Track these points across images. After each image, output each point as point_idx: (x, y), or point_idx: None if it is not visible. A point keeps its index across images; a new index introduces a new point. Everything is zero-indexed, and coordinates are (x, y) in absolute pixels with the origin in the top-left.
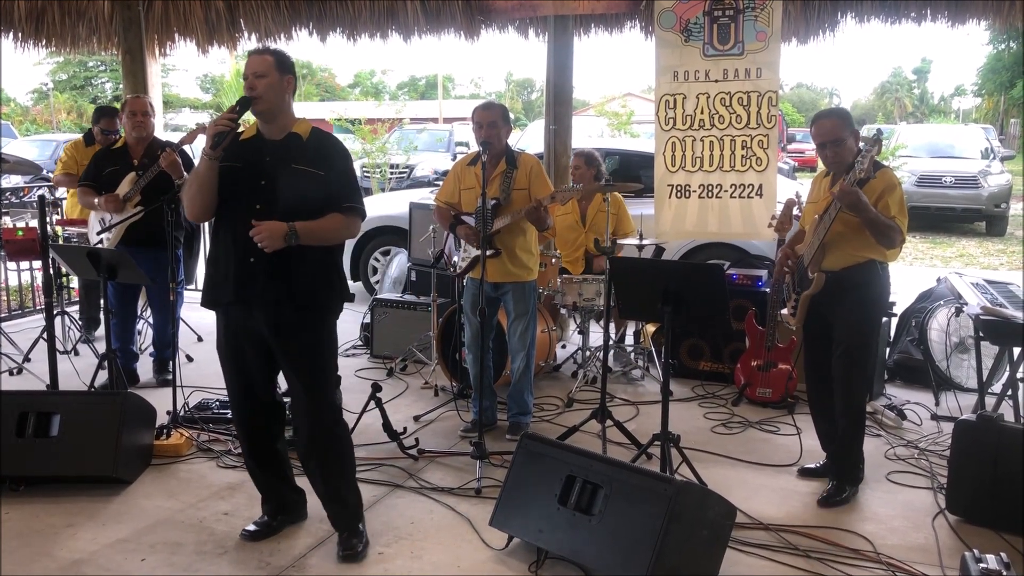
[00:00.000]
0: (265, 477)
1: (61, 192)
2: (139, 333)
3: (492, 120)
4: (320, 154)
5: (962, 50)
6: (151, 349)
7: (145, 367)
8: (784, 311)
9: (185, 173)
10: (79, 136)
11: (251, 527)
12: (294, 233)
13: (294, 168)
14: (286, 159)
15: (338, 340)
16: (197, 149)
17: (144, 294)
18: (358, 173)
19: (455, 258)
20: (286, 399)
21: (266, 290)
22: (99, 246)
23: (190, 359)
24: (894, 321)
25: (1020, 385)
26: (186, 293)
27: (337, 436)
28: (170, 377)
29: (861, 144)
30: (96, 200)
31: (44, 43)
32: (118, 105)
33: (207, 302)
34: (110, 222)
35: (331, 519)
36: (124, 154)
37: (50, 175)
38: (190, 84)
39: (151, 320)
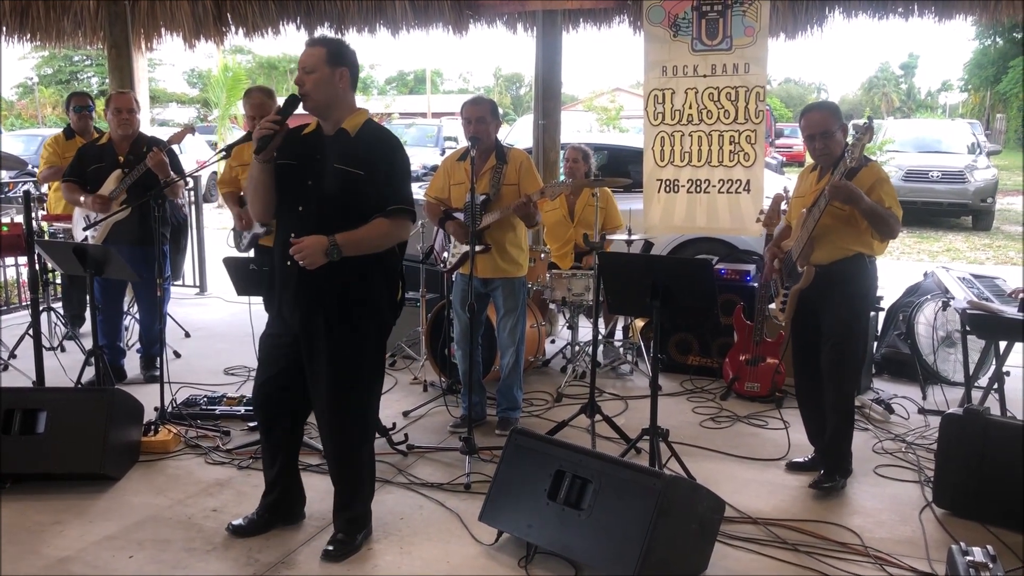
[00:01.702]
0: (272, 461)
1: (44, 187)
2: (126, 329)
3: (480, 115)
4: (364, 152)
5: (948, 45)
6: (138, 346)
7: (132, 364)
8: (772, 306)
9: (172, 173)
10: (59, 131)
11: (237, 521)
12: (335, 248)
13: (336, 168)
14: (331, 158)
15: (383, 358)
16: (187, 147)
17: (131, 291)
18: None
19: (445, 254)
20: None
21: (299, 297)
22: (85, 242)
23: (178, 355)
24: (882, 315)
25: (1006, 379)
26: (173, 289)
27: (354, 458)
28: (157, 373)
29: (851, 133)
30: (82, 198)
31: (29, 37)
32: (103, 100)
33: (264, 301)
34: (95, 219)
35: (334, 519)
36: (109, 151)
37: (35, 170)
38: (177, 79)
39: (137, 316)
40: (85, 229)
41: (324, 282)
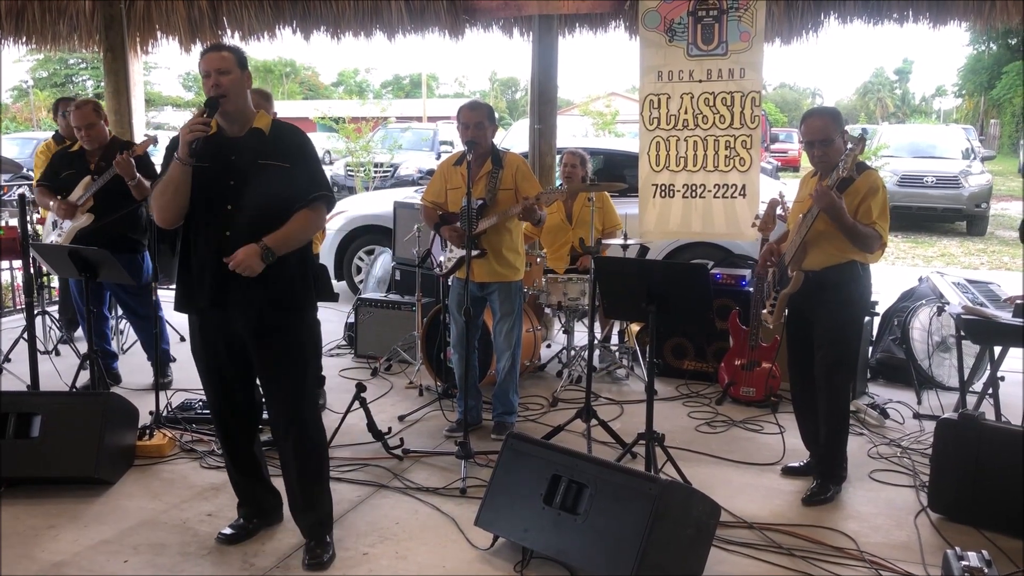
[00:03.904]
0: (242, 477)
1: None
2: (121, 332)
3: (479, 121)
4: (283, 146)
5: (943, 51)
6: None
7: (127, 368)
8: (764, 311)
9: (138, 175)
10: (49, 137)
11: (227, 530)
12: (269, 252)
13: (261, 164)
14: (252, 156)
15: (321, 337)
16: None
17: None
18: (342, 172)
19: (441, 258)
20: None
21: (244, 294)
22: (80, 245)
23: (173, 359)
24: (876, 320)
25: (1000, 384)
26: (169, 293)
27: (316, 442)
28: (164, 380)
29: (848, 145)
30: (51, 203)
31: (24, 40)
32: (101, 103)
33: (181, 306)
34: (60, 225)
35: (300, 526)
36: (80, 157)
37: (30, 173)
38: (172, 82)
39: (125, 319)
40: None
41: (268, 276)
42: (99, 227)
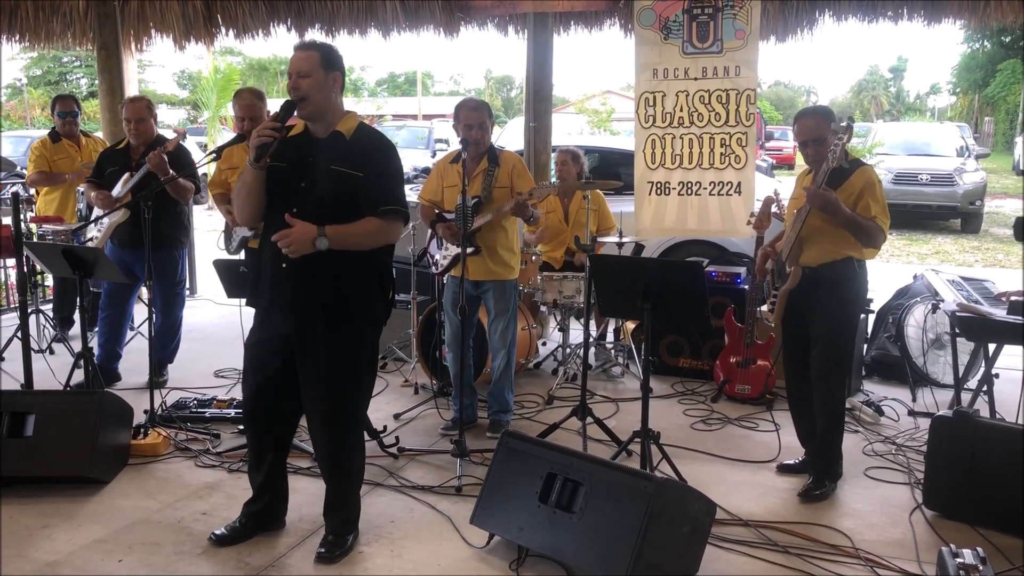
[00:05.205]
0: (262, 480)
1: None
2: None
3: (481, 121)
4: (361, 154)
5: (937, 49)
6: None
7: (126, 368)
8: (763, 307)
9: (171, 171)
10: (45, 134)
11: (220, 530)
12: (323, 238)
13: (332, 170)
14: (326, 160)
15: (376, 357)
16: (191, 147)
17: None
18: None
19: (436, 256)
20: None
21: (295, 297)
22: (74, 244)
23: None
24: (871, 318)
25: (995, 381)
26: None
27: (348, 457)
28: (158, 379)
29: (836, 138)
30: (93, 194)
31: (18, 38)
32: (95, 101)
33: (250, 302)
34: (100, 222)
35: (326, 521)
36: (124, 155)
37: (24, 171)
38: (167, 80)
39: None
40: (88, 223)
41: (320, 283)
42: (139, 223)
